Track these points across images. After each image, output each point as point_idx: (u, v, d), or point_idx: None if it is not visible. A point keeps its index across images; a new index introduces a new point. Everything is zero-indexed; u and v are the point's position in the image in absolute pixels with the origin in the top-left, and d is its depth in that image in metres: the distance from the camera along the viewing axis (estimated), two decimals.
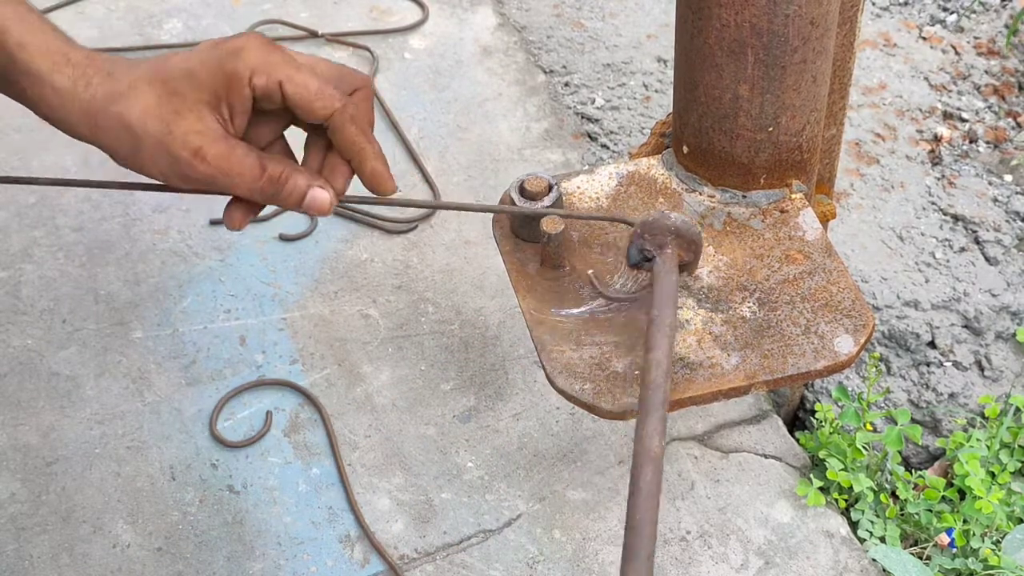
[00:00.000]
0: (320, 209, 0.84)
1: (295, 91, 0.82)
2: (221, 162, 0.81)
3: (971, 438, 1.25)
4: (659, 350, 0.81)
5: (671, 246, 0.87)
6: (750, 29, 0.87)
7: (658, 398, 0.79)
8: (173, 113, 0.80)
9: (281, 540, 1.17)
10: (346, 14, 1.75)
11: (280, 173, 0.83)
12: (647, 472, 0.75)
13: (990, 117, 1.64)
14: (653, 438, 0.76)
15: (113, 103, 0.80)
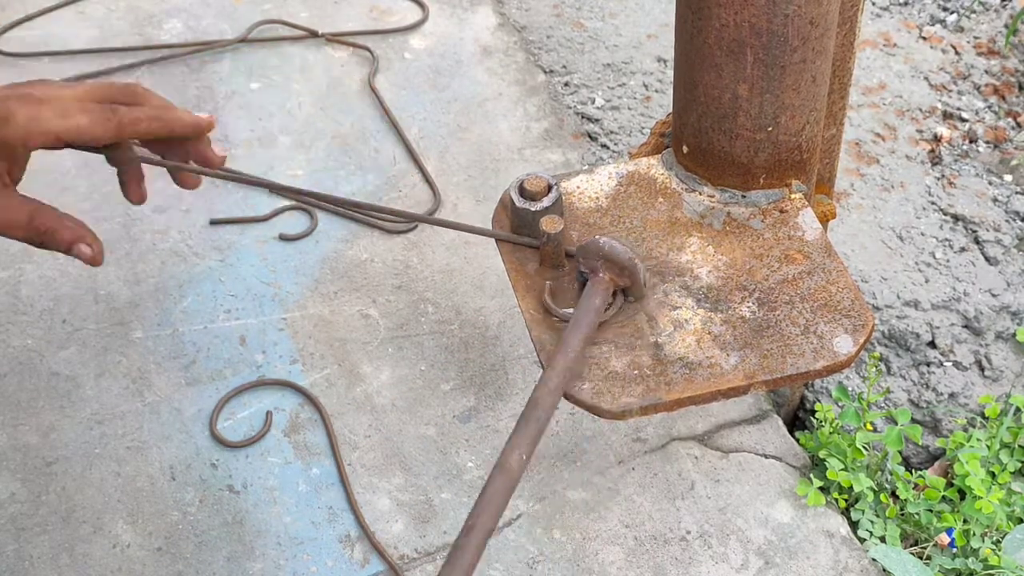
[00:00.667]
0: (86, 260, 0.92)
1: (73, 138, 0.89)
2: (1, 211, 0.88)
3: (971, 438, 1.25)
4: (554, 370, 0.83)
5: (602, 271, 0.88)
6: (749, 29, 0.87)
7: (536, 414, 0.80)
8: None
9: (281, 540, 1.17)
10: (346, 14, 1.75)
11: (47, 228, 0.90)
12: (497, 482, 0.76)
13: (990, 117, 1.64)
14: (514, 451, 0.77)
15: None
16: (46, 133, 0.87)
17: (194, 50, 1.68)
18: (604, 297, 0.88)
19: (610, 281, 0.88)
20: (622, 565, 1.15)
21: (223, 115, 1.60)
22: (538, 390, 0.82)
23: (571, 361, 0.84)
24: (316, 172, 1.53)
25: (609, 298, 0.88)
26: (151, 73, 1.65)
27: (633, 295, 0.90)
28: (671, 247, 0.95)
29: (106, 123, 0.89)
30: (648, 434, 1.26)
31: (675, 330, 0.89)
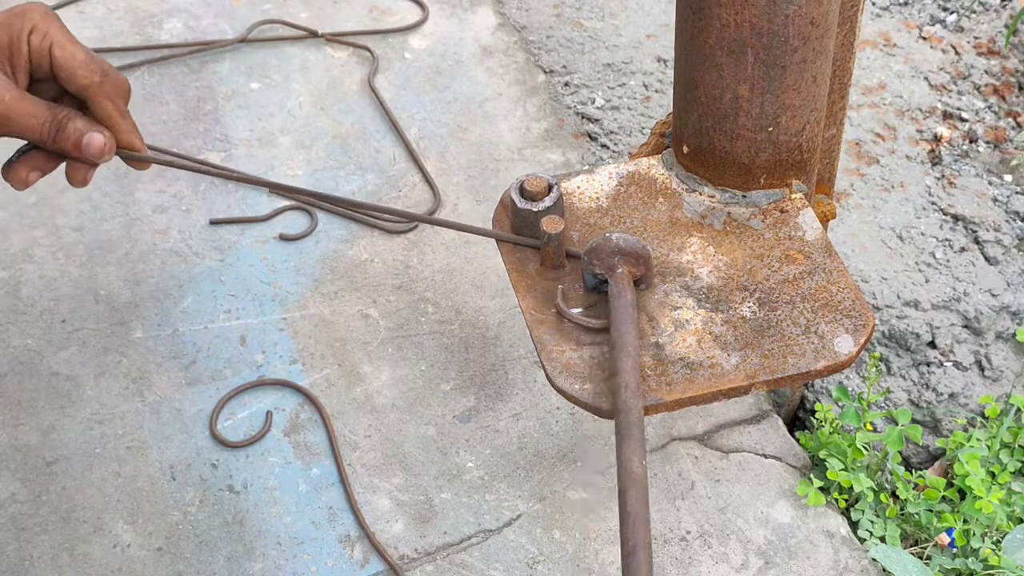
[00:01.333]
0: (96, 149, 0.92)
1: (62, 56, 0.91)
2: (14, 103, 0.89)
3: (971, 438, 1.25)
4: (625, 372, 0.82)
5: (621, 266, 0.88)
6: (750, 29, 0.87)
7: (632, 419, 0.79)
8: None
9: (281, 540, 1.17)
10: (346, 14, 1.75)
11: (63, 115, 0.91)
12: (633, 495, 0.76)
13: (990, 117, 1.64)
14: (632, 460, 0.77)
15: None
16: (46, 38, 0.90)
17: (194, 50, 1.68)
18: (632, 291, 0.88)
19: (629, 274, 0.89)
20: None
21: (223, 115, 1.60)
22: (621, 395, 0.81)
23: (636, 358, 0.84)
24: (316, 172, 1.53)
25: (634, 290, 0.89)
26: (151, 73, 1.65)
27: (644, 283, 0.91)
28: (671, 247, 0.95)
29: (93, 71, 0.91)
30: (648, 434, 1.26)
31: (676, 330, 0.89)
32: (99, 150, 0.92)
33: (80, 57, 0.92)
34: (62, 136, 0.91)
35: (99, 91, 0.93)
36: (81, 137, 0.92)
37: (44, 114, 0.91)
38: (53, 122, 0.91)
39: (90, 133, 0.92)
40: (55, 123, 0.91)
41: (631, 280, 0.89)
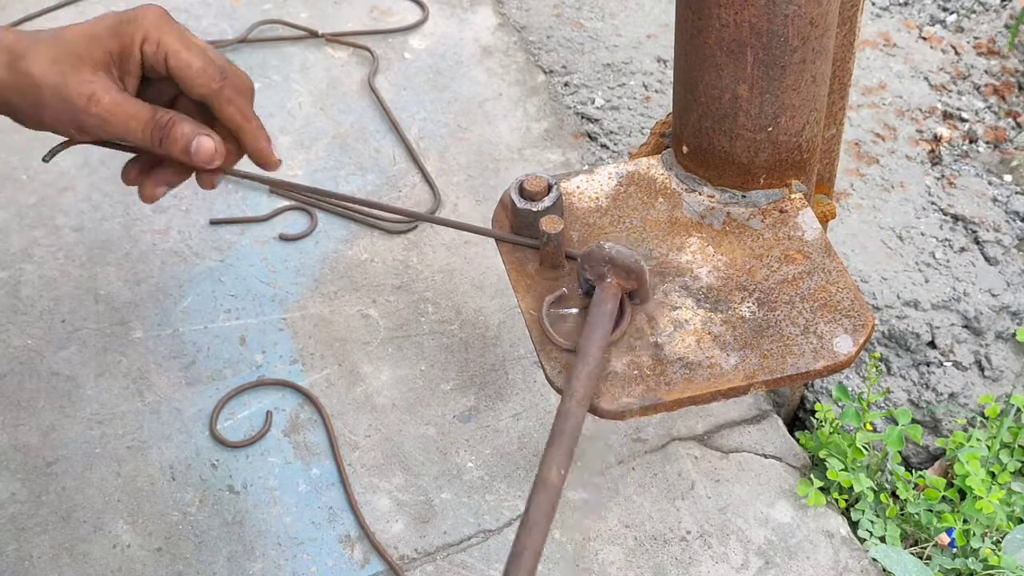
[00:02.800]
0: (206, 155, 0.89)
1: (177, 65, 0.89)
2: (114, 107, 0.87)
3: (971, 438, 1.25)
4: (577, 380, 0.82)
5: (610, 276, 0.87)
6: (750, 29, 0.87)
7: (567, 427, 0.79)
8: (71, 67, 0.87)
9: (281, 540, 1.17)
10: (346, 14, 1.75)
11: (168, 119, 0.88)
12: (539, 500, 0.76)
13: (990, 117, 1.64)
14: (551, 467, 0.77)
15: (17, 60, 0.87)
16: (160, 47, 0.88)
17: None
18: (614, 302, 0.87)
19: (618, 286, 0.88)
20: (622, 565, 1.15)
21: None
22: (565, 402, 0.81)
23: (593, 370, 0.83)
24: (316, 172, 1.53)
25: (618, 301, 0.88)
26: None
27: (639, 297, 0.90)
28: (671, 247, 0.95)
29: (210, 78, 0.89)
30: (648, 434, 1.26)
31: (675, 330, 0.89)
32: (209, 155, 0.89)
33: (196, 65, 0.89)
34: (168, 142, 0.88)
35: (220, 96, 0.90)
36: (189, 142, 0.88)
37: (145, 117, 0.88)
38: (156, 127, 0.88)
39: (198, 137, 0.89)
40: (159, 128, 0.88)
41: (619, 292, 0.88)
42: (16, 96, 0.87)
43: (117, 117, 0.87)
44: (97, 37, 0.88)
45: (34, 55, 0.86)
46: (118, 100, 0.87)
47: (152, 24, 0.89)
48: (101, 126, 0.87)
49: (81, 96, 0.86)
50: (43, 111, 0.87)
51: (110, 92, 0.87)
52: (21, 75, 0.86)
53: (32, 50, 0.87)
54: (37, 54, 0.87)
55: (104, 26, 0.89)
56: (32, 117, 0.88)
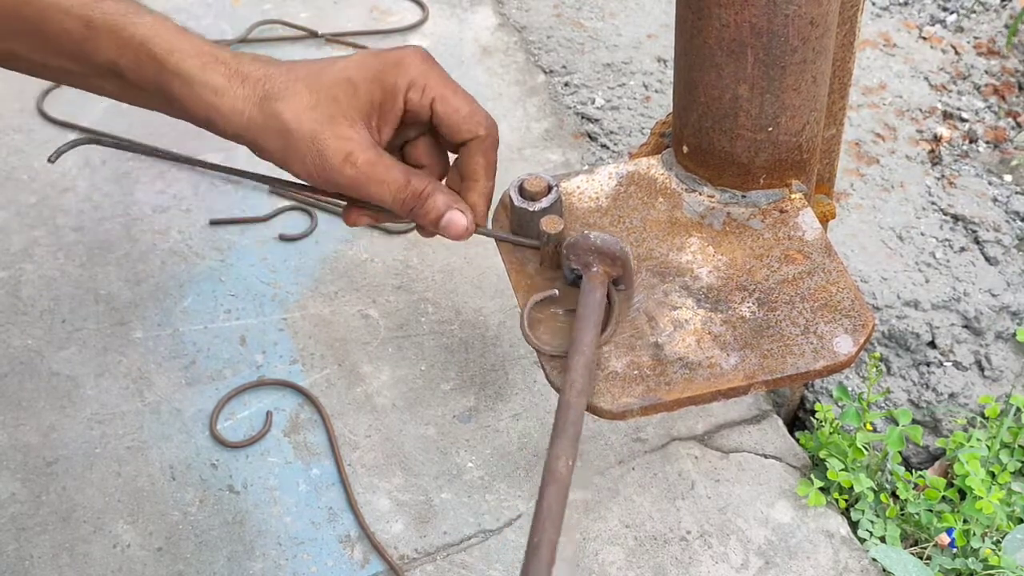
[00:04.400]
0: (456, 232, 0.86)
1: (446, 111, 0.85)
2: (368, 168, 0.83)
3: (971, 438, 1.25)
4: (574, 371, 0.82)
5: (596, 265, 0.87)
6: (750, 29, 0.87)
7: (570, 418, 0.79)
8: (328, 117, 0.83)
9: (281, 540, 1.17)
10: (346, 14, 1.75)
11: (423, 189, 0.85)
12: (550, 492, 0.76)
13: (990, 117, 1.64)
14: (559, 459, 0.77)
15: (270, 100, 0.82)
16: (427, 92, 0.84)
17: None
18: (603, 290, 0.88)
19: (604, 273, 0.88)
20: (622, 565, 1.15)
21: None
22: (565, 393, 0.81)
23: (589, 358, 0.83)
24: None
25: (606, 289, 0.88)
26: None
27: (624, 283, 0.90)
28: (671, 247, 0.95)
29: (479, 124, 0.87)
30: (648, 434, 1.26)
31: (675, 330, 0.89)
32: (459, 231, 0.86)
33: (464, 111, 0.86)
34: (420, 211, 0.85)
35: (480, 146, 0.87)
36: (441, 215, 0.85)
37: (399, 182, 0.84)
38: (412, 195, 0.84)
39: (451, 212, 0.85)
40: (413, 197, 0.84)
41: (606, 280, 0.88)
42: (263, 137, 0.83)
43: (370, 179, 0.83)
44: (359, 85, 0.84)
45: (289, 98, 0.82)
46: (373, 160, 0.83)
47: (418, 70, 0.85)
48: (351, 186, 0.83)
49: (338, 153, 0.82)
50: (291, 157, 0.83)
51: (367, 151, 0.83)
52: (272, 117, 0.82)
53: (287, 91, 0.83)
54: (292, 97, 0.82)
55: (367, 72, 0.84)
56: (277, 159, 0.85)
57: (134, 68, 0.82)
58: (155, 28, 0.82)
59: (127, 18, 0.83)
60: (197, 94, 0.82)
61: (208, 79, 0.82)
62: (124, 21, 0.82)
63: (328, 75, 0.84)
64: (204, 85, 0.82)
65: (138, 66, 0.82)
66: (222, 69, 0.83)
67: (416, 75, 0.85)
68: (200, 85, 0.82)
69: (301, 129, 0.82)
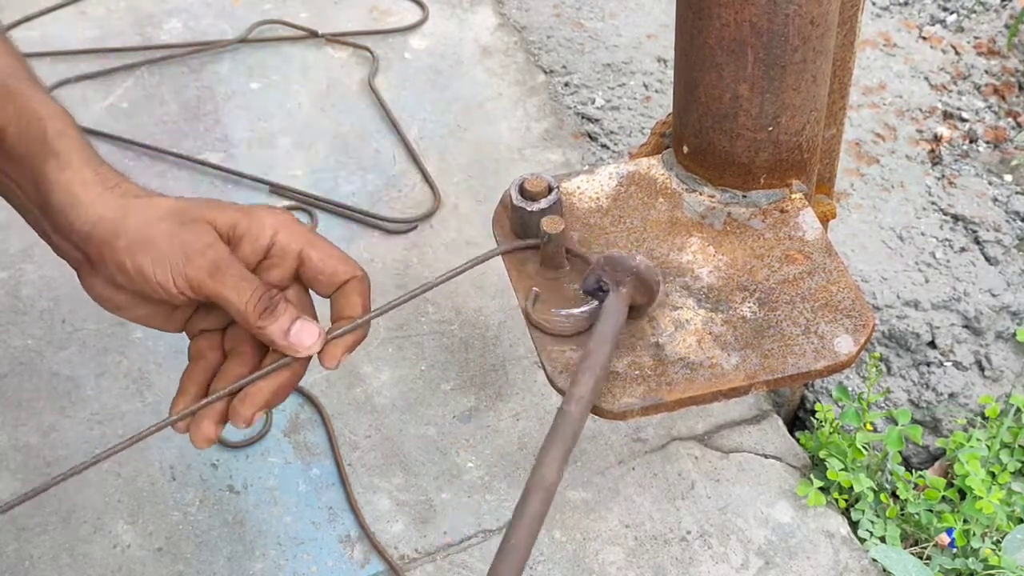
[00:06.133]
0: (306, 341, 0.84)
1: (319, 256, 0.86)
2: (230, 262, 0.82)
3: (971, 438, 1.25)
4: (582, 386, 0.81)
5: (628, 286, 0.87)
6: (750, 29, 0.87)
7: (568, 431, 0.79)
8: (193, 220, 0.82)
9: (281, 540, 1.17)
10: (346, 14, 1.75)
11: (277, 293, 0.83)
12: (535, 499, 0.76)
13: (990, 117, 1.64)
14: (550, 466, 0.77)
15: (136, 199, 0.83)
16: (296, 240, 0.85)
17: (194, 50, 1.68)
18: (625, 311, 0.87)
19: (629, 296, 0.87)
20: (622, 565, 1.15)
21: (223, 115, 1.60)
22: (568, 404, 0.81)
23: (600, 376, 0.83)
24: (316, 172, 1.52)
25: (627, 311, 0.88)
26: (151, 73, 1.65)
27: (638, 312, 0.90)
28: (671, 247, 0.95)
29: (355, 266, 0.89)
30: (648, 434, 1.26)
31: (676, 330, 0.89)
32: (310, 341, 0.84)
33: (337, 254, 0.87)
34: (271, 316, 0.82)
35: (358, 287, 0.88)
36: (292, 321, 0.83)
37: (256, 283, 0.82)
38: (265, 296, 0.82)
39: (302, 321, 0.84)
40: (267, 297, 0.82)
41: (628, 302, 0.88)
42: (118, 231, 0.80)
43: (231, 270, 0.81)
44: (224, 209, 0.84)
45: (156, 201, 0.83)
46: (234, 260, 0.82)
47: (288, 219, 0.86)
48: (207, 277, 0.81)
49: (199, 241, 0.81)
50: (140, 249, 0.80)
51: (224, 251, 0.82)
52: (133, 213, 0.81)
53: (156, 198, 0.83)
54: (160, 201, 0.83)
55: (233, 205, 0.85)
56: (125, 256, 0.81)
57: (18, 140, 0.81)
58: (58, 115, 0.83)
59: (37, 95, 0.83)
60: (66, 181, 0.81)
61: (83, 170, 0.82)
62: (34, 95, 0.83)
63: (195, 199, 0.85)
64: (77, 174, 0.81)
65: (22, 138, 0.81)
66: (99, 170, 0.83)
67: (286, 222, 0.86)
68: (73, 173, 0.81)
69: (162, 223, 0.81)
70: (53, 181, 0.81)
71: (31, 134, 0.81)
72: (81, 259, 0.84)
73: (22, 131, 0.81)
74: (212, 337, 0.88)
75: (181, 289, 0.81)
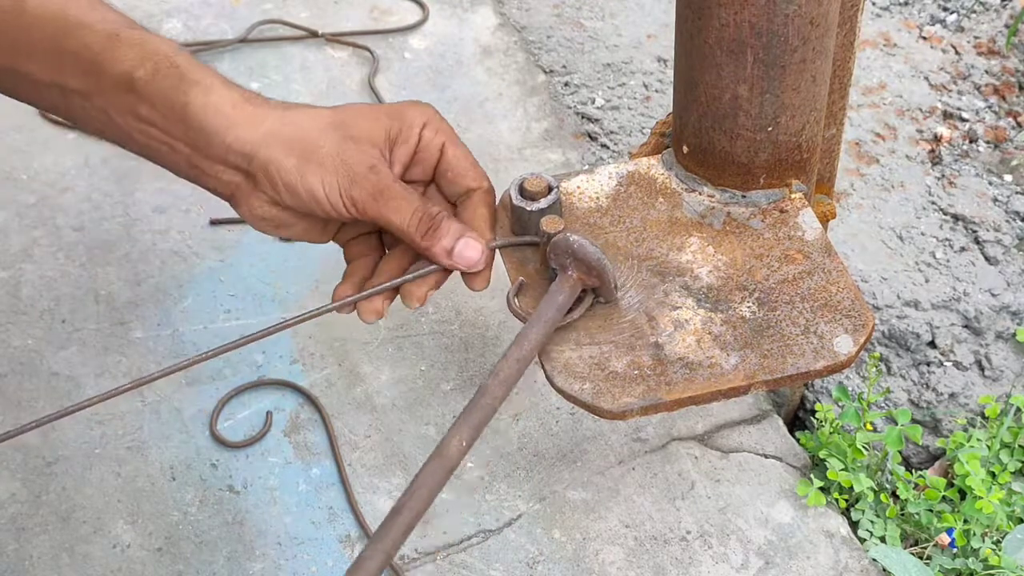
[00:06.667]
0: (469, 260, 0.86)
1: (454, 155, 0.88)
2: (391, 182, 0.83)
3: (971, 438, 1.25)
4: (507, 360, 0.83)
5: (571, 269, 0.87)
6: (750, 29, 0.87)
7: (482, 402, 0.81)
8: (350, 136, 0.84)
9: (281, 540, 1.17)
10: (346, 14, 1.75)
11: (438, 212, 0.85)
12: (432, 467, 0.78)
13: (990, 117, 1.64)
14: (454, 438, 0.79)
15: (290, 113, 0.84)
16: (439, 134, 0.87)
17: (194, 50, 1.68)
18: (569, 294, 0.88)
19: (578, 280, 0.88)
20: (622, 565, 1.15)
21: None
22: (490, 378, 0.82)
23: (526, 353, 0.84)
24: None
25: (575, 296, 0.88)
26: None
27: (602, 296, 0.90)
28: (671, 247, 0.95)
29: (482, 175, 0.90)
30: (648, 434, 1.26)
31: (675, 330, 0.89)
32: (473, 260, 0.86)
33: (470, 159, 0.88)
34: (434, 235, 0.84)
35: (483, 198, 0.89)
36: (456, 240, 0.85)
37: (417, 203, 0.84)
38: (427, 217, 0.84)
39: (466, 239, 0.85)
40: (429, 218, 0.84)
41: (578, 286, 0.88)
42: (280, 150, 0.81)
43: (392, 193, 0.83)
44: (379, 115, 0.86)
45: (311, 115, 0.84)
46: (392, 176, 0.84)
47: (433, 113, 0.88)
48: (371, 199, 0.83)
49: (362, 163, 0.82)
50: (309, 171, 0.82)
51: (386, 168, 0.84)
52: (293, 126, 0.82)
53: (307, 111, 0.84)
54: (314, 115, 0.84)
55: (385, 108, 0.87)
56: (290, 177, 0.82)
57: (151, 79, 0.81)
58: (180, 50, 0.84)
59: (153, 37, 0.84)
60: (215, 104, 0.82)
61: (229, 92, 0.83)
62: (149, 37, 0.84)
63: (348, 107, 0.86)
64: (224, 96, 0.82)
65: (156, 76, 0.82)
66: (241, 90, 0.84)
67: (431, 116, 0.88)
68: (219, 95, 0.82)
69: (324, 139, 0.83)
70: (202, 106, 0.82)
71: (163, 71, 0.82)
72: (240, 181, 0.84)
73: (153, 71, 0.81)
74: (370, 239, 0.91)
75: (348, 209, 0.84)
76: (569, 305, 0.88)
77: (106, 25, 0.83)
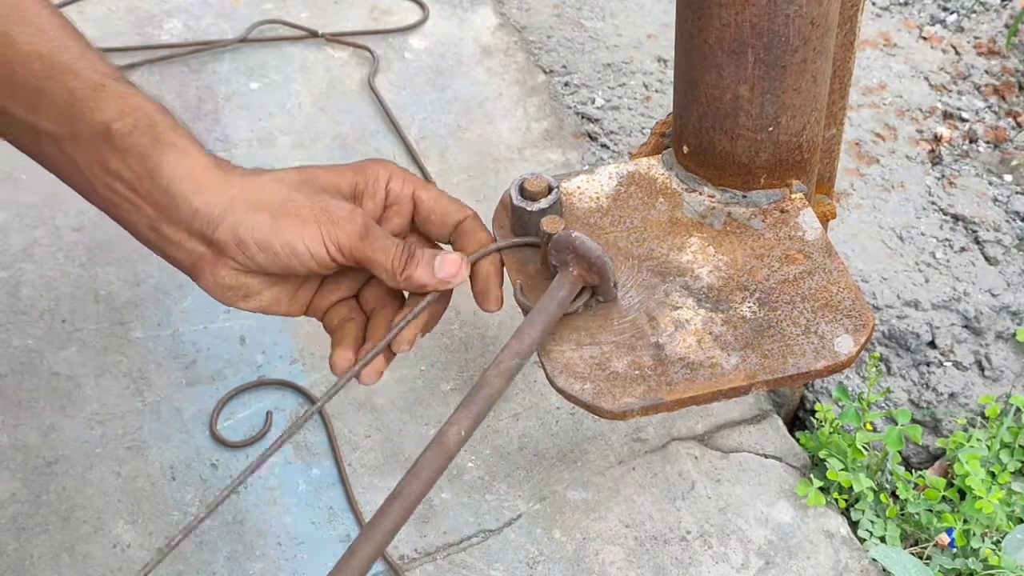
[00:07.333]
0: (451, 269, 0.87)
1: (431, 196, 0.89)
2: (372, 223, 0.84)
3: (971, 438, 1.26)
4: (507, 351, 0.84)
5: (572, 265, 0.88)
6: (750, 29, 0.87)
7: (482, 393, 0.81)
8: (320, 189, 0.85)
9: (281, 540, 1.17)
10: (346, 14, 1.75)
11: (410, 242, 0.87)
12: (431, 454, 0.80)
13: (990, 117, 1.64)
14: (453, 427, 0.80)
15: (259, 176, 0.84)
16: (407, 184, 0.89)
17: (194, 50, 1.68)
18: (570, 291, 0.88)
19: (578, 276, 0.88)
20: (622, 565, 1.15)
21: (223, 115, 1.60)
22: (489, 370, 0.83)
23: (525, 346, 0.85)
24: None
25: (575, 292, 0.88)
26: (151, 73, 1.65)
27: (602, 294, 0.90)
28: (671, 247, 0.95)
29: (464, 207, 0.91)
30: (648, 434, 1.26)
31: (676, 330, 0.89)
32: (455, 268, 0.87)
33: (447, 197, 0.89)
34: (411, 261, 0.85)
35: (475, 223, 0.90)
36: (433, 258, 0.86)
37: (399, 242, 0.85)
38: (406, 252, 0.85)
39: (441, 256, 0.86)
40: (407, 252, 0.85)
41: (579, 283, 0.88)
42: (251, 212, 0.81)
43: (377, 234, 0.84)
44: (343, 172, 0.87)
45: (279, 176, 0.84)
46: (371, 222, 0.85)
47: (395, 167, 0.89)
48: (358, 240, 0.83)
49: (342, 208, 0.83)
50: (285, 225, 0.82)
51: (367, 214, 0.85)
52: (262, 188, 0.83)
53: (275, 173, 0.85)
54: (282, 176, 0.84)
55: (347, 166, 0.88)
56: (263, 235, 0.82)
57: (127, 133, 0.81)
58: (163, 111, 0.83)
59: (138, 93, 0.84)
60: (187, 167, 0.81)
61: (203, 157, 0.83)
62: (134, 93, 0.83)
63: (311, 167, 0.87)
64: (197, 161, 0.82)
65: (134, 132, 0.81)
66: (214, 157, 0.84)
67: (394, 170, 0.89)
68: (193, 160, 0.82)
69: (295, 195, 0.83)
70: (173, 168, 0.81)
71: (141, 128, 0.81)
72: (203, 251, 0.84)
73: (132, 126, 0.81)
74: (349, 303, 0.91)
75: (333, 256, 0.83)
76: (570, 301, 0.88)
77: (93, 74, 0.83)
